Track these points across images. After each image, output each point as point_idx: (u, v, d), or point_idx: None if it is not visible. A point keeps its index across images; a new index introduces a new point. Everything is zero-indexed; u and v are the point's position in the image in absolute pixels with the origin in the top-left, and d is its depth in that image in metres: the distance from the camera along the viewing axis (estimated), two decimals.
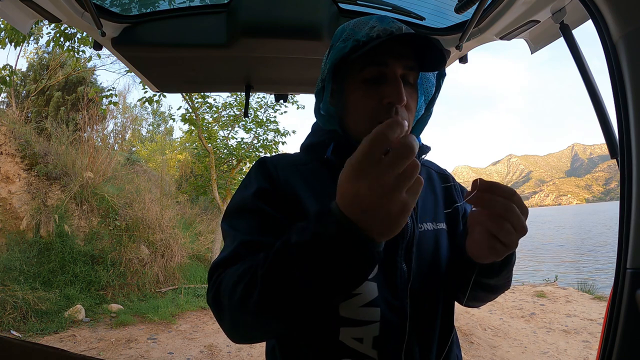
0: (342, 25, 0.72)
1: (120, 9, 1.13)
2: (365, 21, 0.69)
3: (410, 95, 0.67)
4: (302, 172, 0.71)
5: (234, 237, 0.63)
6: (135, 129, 15.36)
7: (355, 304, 0.62)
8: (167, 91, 1.60)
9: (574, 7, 0.82)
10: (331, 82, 0.70)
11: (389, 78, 0.65)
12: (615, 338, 0.58)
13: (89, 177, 6.05)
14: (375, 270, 0.63)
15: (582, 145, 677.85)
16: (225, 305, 0.55)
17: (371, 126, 0.63)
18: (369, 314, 0.62)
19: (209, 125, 9.34)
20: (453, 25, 1.17)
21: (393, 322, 0.63)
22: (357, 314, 0.62)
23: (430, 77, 0.75)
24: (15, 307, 4.04)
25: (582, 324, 4.43)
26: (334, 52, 0.68)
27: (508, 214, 0.52)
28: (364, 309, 0.62)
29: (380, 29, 0.65)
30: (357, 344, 0.62)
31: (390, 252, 0.66)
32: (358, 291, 0.62)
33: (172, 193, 9.57)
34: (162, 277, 5.87)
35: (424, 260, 0.68)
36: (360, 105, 0.67)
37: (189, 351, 3.83)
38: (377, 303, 0.63)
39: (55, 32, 5.50)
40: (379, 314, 0.62)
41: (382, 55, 0.65)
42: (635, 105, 0.58)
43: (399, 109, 0.64)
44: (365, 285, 0.63)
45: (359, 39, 0.66)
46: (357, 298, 0.62)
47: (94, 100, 7.64)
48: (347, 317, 0.62)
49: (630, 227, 0.58)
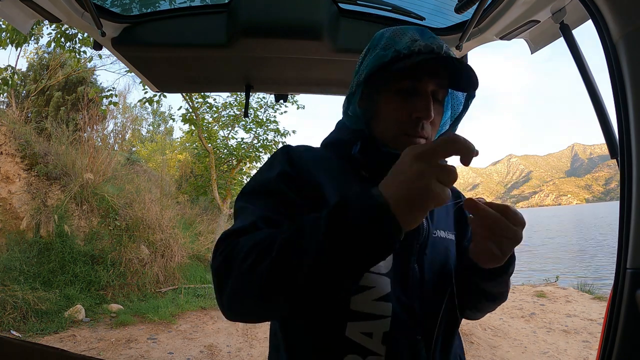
0: (381, 31, 0.74)
1: (121, 9, 1.14)
2: (404, 31, 0.70)
3: (437, 111, 0.70)
4: (325, 165, 0.72)
5: (253, 212, 0.62)
6: (135, 129, 15.38)
7: (368, 297, 0.63)
8: (167, 91, 1.60)
9: (574, 7, 0.82)
10: (362, 85, 0.72)
11: (420, 93, 0.67)
12: (615, 338, 0.58)
13: (89, 177, 6.05)
14: (390, 265, 0.65)
15: (582, 145, 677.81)
16: (234, 270, 0.53)
17: (396, 135, 0.70)
18: (382, 309, 0.63)
19: (209, 125, 9.35)
20: (453, 25, 1.17)
21: (403, 319, 0.64)
22: (369, 307, 0.63)
23: (459, 95, 0.78)
24: (15, 307, 4.04)
25: (582, 324, 4.43)
26: (373, 59, 0.69)
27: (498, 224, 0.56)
28: (377, 302, 0.63)
29: (422, 45, 0.67)
30: (365, 339, 0.62)
31: (405, 251, 0.67)
32: (372, 284, 0.63)
33: (172, 193, 9.57)
34: (162, 277, 5.87)
35: (435, 265, 0.70)
36: (391, 114, 0.70)
37: (189, 351, 3.83)
38: (390, 298, 0.64)
39: (56, 32, 5.51)
40: (390, 309, 0.63)
41: (420, 71, 0.67)
42: (635, 105, 0.58)
43: (425, 124, 0.68)
44: (379, 279, 0.63)
45: (400, 50, 0.67)
46: (370, 291, 0.63)
47: (94, 100, 7.65)
48: (358, 310, 0.62)
49: (630, 227, 0.58)
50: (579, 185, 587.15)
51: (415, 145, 0.48)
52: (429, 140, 0.70)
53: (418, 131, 0.67)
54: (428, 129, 0.68)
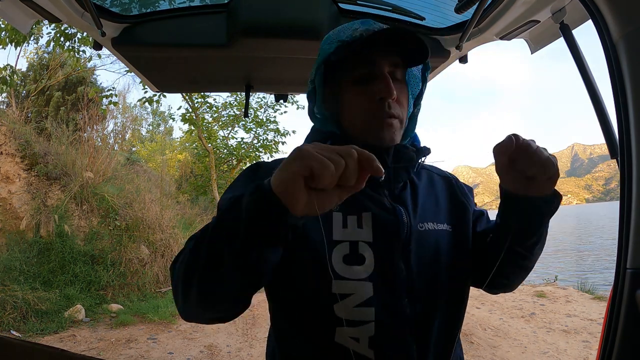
0: (328, 33, 0.75)
1: (120, 9, 1.13)
2: (349, 25, 0.72)
3: (400, 90, 0.70)
4: None
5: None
6: (135, 129, 15.37)
7: (348, 304, 0.62)
8: (167, 91, 1.60)
9: (574, 7, 0.82)
10: (322, 86, 0.73)
11: (377, 75, 0.68)
12: (615, 338, 0.58)
13: (89, 177, 6.05)
14: (371, 270, 0.64)
15: (582, 145, 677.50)
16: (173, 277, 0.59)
17: (366, 123, 0.69)
18: (363, 314, 0.62)
19: (209, 125, 9.35)
20: (453, 25, 1.17)
21: (389, 322, 0.63)
22: (351, 314, 0.62)
23: (415, 73, 0.78)
24: (15, 307, 4.04)
25: (582, 324, 4.42)
26: (320, 55, 0.72)
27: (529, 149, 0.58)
28: (358, 309, 0.62)
29: (362, 30, 0.69)
30: (354, 343, 0.62)
31: (386, 251, 0.66)
32: (351, 291, 0.62)
33: (172, 193, 9.57)
34: (162, 277, 5.87)
35: (424, 259, 0.68)
36: (353, 104, 0.70)
37: (189, 351, 3.82)
38: (372, 303, 0.63)
39: (55, 32, 5.51)
40: (373, 313, 0.62)
41: (369, 55, 0.68)
42: (635, 105, 0.58)
43: (391, 103, 0.68)
44: (358, 285, 0.63)
45: (343, 39, 0.70)
46: (350, 298, 0.62)
47: (94, 100, 7.64)
48: (342, 317, 0.62)
49: (630, 227, 0.58)
50: (579, 185, 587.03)
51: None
52: (401, 119, 0.70)
53: (386, 111, 0.67)
54: (397, 109, 0.69)
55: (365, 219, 0.66)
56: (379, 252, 0.65)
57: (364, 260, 0.64)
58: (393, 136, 0.69)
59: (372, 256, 0.64)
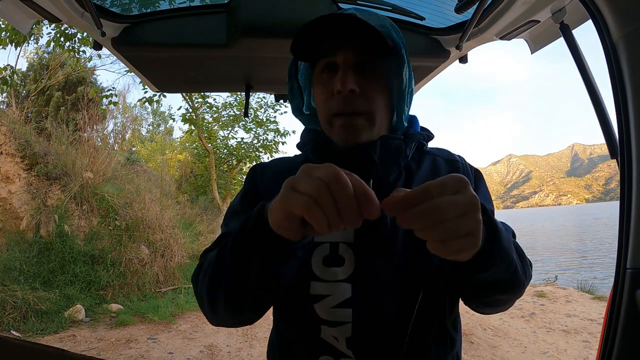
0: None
1: (120, 9, 1.13)
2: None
3: (368, 83, 0.63)
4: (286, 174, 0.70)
5: (223, 231, 0.70)
6: (135, 129, 15.36)
7: (326, 305, 0.62)
8: (167, 91, 1.60)
9: (574, 7, 0.82)
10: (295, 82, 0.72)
11: (338, 67, 0.64)
12: (615, 338, 0.58)
13: (88, 177, 6.05)
14: (351, 271, 0.62)
15: (582, 145, 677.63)
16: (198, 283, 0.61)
17: (329, 119, 0.66)
18: (341, 315, 0.62)
19: (209, 125, 9.35)
20: (453, 25, 1.17)
21: (366, 324, 0.61)
22: (329, 314, 0.62)
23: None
24: (15, 307, 4.03)
25: (582, 324, 4.42)
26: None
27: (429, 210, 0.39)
28: (335, 310, 0.62)
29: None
30: (335, 342, 0.63)
31: (368, 252, 0.63)
32: (328, 293, 0.62)
33: (172, 193, 9.57)
34: (162, 277, 5.87)
35: (411, 261, 0.62)
36: (319, 100, 0.67)
37: (189, 351, 3.82)
38: (350, 304, 0.61)
39: (55, 32, 5.51)
40: (350, 314, 0.61)
41: (331, 47, 0.64)
42: (635, 105, 0.58)
43: (350, 97, 0.62)
44: (335, 287, 0.62)
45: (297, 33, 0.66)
46: (327, 299, 0.62)
47: (94, 100, 7.64)
48: (322, 317, 0.62)
49: (630, 227, 0.58)
50: (579, 185, 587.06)
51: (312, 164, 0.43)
52: (369, 116, 0.64)
53: (343, 106, 0.62)
54: (360, 103, 0.62)
55: None
56: (359, 253, 0.63)
57: (343, 261, 0.63)
58: (357, 135, 0.64)
59: (352, 257, 0.63)
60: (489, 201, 0.73)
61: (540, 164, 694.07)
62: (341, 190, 0.38)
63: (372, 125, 0.65)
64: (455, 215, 0.39)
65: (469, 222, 0.40)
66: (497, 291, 0.58)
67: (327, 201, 0.39)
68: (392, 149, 0.66)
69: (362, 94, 0.63)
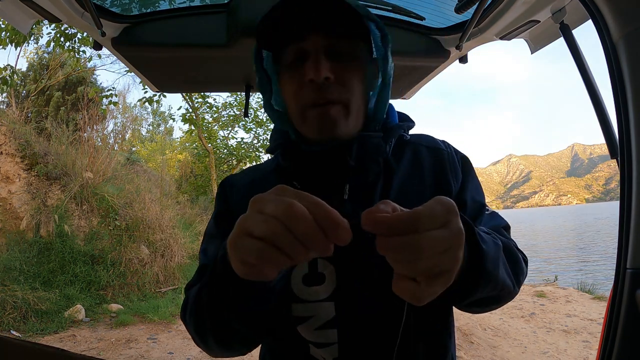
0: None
1: (121, 9, 1.13)
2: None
3: (344, 68, 0.57)
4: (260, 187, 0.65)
5: (202, 259, 0.67)
6: (135, 129, 15.36)
7: (310, 326, 0.58)
8: (167, 91, 1.60)
9: (574, 7, 0.82)
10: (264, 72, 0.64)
11: (309, 53, 0.57)
12: (615, 338, 0.58)
13: (88, 177, 6.05)
14: (332, 289, 0.58)
15: (582, 145, 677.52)
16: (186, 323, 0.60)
17: (301, 112, 0.58)
18: (325, 336, 0.58)
19: (209, 125, 9.35)
20: (453, 25, 1.17)
21: (353, 344, 0.58)
22: (314, 336, 0.58)
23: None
24: (15, 307, 4.03)
25: (582, 324, 4.42)
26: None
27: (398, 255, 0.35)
28: (319, 331, 0.58)
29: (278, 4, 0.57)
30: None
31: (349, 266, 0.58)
32: (310, 314, 0.58)
33: (172, 193, 9.57)
34: (162, 277, 5.87)
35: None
36: (288, 92, 0.60)
37: (189, 351, 3.82)
38: (334, 324, 0.58)
39: (55, 32, 5.51)
40: (336, 335, 0.58)
41: (299, 31, 0.57)
42: (635, 105, 0.58)
43: (325, 85, 0.55)
44: (318, 307, 0.58)
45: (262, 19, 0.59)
46: (311, 321, 0.58)
47: (94, 100, 7.65)
48: (308, 339, 0.59)
49: (630, 227, 0.58)
50: (579, 185, 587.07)
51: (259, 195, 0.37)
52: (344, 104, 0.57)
53: (316, 96, 0.55)
54: (336, 91, 0.56)
55: None
56: (340, 269, 0.58)
57: (323, 279, 0.58)
58: (332, 127, 0.57)
59: (333, 273, 0.58)
60: (479, 192, 0.67)
61: (540, 164, 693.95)
62: (298, 224, 0.33)
63: (348, 114, 0.58)
64: (435, 252, 0.34)
65: (446, 260, 0.35)
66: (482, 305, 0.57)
67: (284, 241, 0.33)
68: (371, 148, 0.60)
69: (338, 81, 0.56)
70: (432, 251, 0.34)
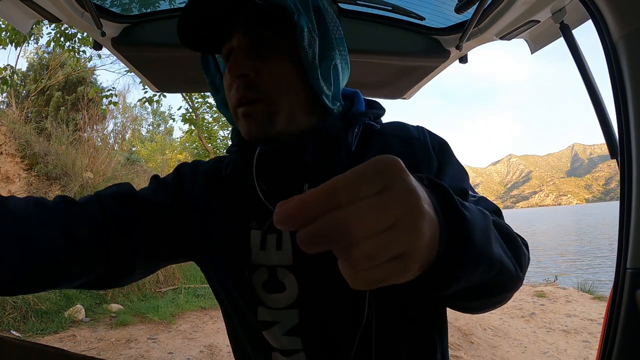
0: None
1: (121, 9, 1.13)
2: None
3: (264, 62, 0.52)
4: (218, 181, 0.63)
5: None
6: (135, 129, 15.36)
7: (275, 332, 0.56)
8: (167, 91, 1.60)
9: (574, 7, 0.82)
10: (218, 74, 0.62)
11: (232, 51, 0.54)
12: (615, 338, 0.58)
13: (88, 177, 6.05)
14: (295, 297, 0.55)
15: (582, 145, 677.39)
16: None
17: (233, 111, 0.55)
18: (291, 343, 0.56)
19: (209, 125, 9.34)
20: (453, 25, 1.17)
21: (319, 351, 0.56)
22: (279, 342, 0.57)
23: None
24: (15, 307, 4.03)
25: (582, 324, 4.43)
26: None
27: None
28: (285, 337, 0.56)
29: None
30: None
31: (311, 274, 0.54)
32: (275, 319, 0.56)
33: None
34: (162, 277, 5.87)
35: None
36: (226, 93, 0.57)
37: (189, 351, 3.82)
38: (298, 331, 0.56)
39: (55, 32, 5.51)
40: (300, 342, 0.56)
41: (226, 30, 0.54)
42: (635, 105, 0.58)
43: (244, 83, 0.52)
44: (282, 314, 0.56)
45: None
46: (275, 327, 0.56)
47: (94, 100, 7.65)
48: (273, 345, 0.57)
49: (630, 227, 0.58)
50: (579, 185, 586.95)
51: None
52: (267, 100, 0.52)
53: (239, 95, 0.52)
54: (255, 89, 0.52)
55: (285, 238, 0.55)
56: (301, 277, 0.55)
57: (284, 287, 0.55)
58: (259, 126, 0.53)
59: (294, 282, 0.55)
60: (460, 177, 0.58)
61: (540, 164, 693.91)
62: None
63: (276, 111, 0.53)
64: (377, 230, 0.23)
65: (401, 238, 0.24)
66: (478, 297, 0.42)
67: None
68: (329, 141, 0.54)
69: (259, 77, 0.52)
70: (367, 229, 0.23)
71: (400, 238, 0.24)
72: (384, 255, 0.24)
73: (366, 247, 0.23)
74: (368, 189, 0.23)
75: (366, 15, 1.18)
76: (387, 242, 0.23)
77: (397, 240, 0.24)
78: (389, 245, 0.24)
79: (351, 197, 0.23)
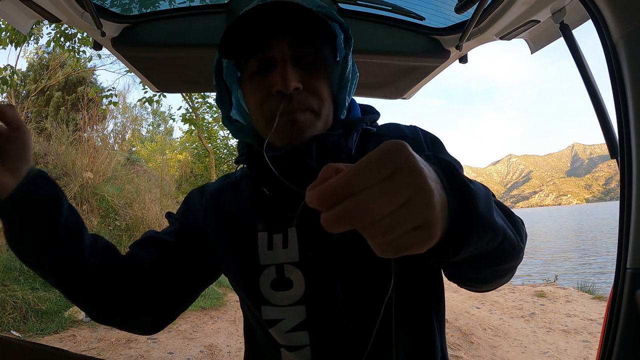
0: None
1: (120, 9, 1.13)
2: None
3: (311, 76, 0.57)
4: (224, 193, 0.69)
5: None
6: (135, 129, 15.35)
7: (281, 329, 0.58)
8: (167, 91, 1.60)
9: (574, 7, 0.82)
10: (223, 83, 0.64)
11: (275, 62, 0.56)
12: (615, 338, 0.58)
13: (88, 177, 6.06)
14: (302, 293, 0.58)
15: (582, 145, 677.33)
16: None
17: (268, 122, 0.57)
18: (297, 339, 0.58)
19: (209, 125, 9.35)
20: (453, 25, 1.17)
21: (325, 346, 0.57)
22: (285, 339, 0.59)
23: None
24: (15, 307, 4.04)
25: (582, 324, 4.43)
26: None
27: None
28: (291, 334, 0.58)
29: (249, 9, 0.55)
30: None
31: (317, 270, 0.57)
32: (280, 317, 0.58)
33: (172, 193, 9.57)
34: None
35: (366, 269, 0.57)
36: (252, 102, 0.59)
37: (189, 351, 3.82)
38: (305, 327, 0.57)
39: (55, 32, 5.51)
40: (307, 337, 0.57)
41: (264, 40, 0.56)
42: (635, 105, 0.58)
43: (294, 95, 0.55)
44: (288, 311, 0.58)
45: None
46: (281, 324, 0.58)
47: (94, 100, 7.65)
48: (280, 342, 0.60)
49: (630, 227, 0.58)
50: (579, 185, 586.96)
51: None
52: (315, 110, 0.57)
53: (286, 107, 0.55)
54: (305, 100, 0.56)
55: (290, 236, 0.58)
56: (308, 273, 0.57)
57: (291, 284, 0.58)
58: (301, 134, 0.57)
59: (301, 278, 0.57)
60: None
61: (540, 164, 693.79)
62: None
63: (318, 119, 0.58)
64: (392, 208, 0.27)
65: (415, 212, 0.28)
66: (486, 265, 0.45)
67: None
68: (331, 148, 0.59)
69: (306, 90, 0.56)
70: (382, 209, 0.27)
71: (414, 212, 0.28)
72: (402, 228, 0.28)
73: (385, 224, 0.27)
74: (380, 174, 0.27)
75: (366, 15, 1.18)
76: (401, 217, 0.27)
77: (411, 214, 0.28)
78: (405, 219, 0.27)
79: (365, 184, 0.27)
